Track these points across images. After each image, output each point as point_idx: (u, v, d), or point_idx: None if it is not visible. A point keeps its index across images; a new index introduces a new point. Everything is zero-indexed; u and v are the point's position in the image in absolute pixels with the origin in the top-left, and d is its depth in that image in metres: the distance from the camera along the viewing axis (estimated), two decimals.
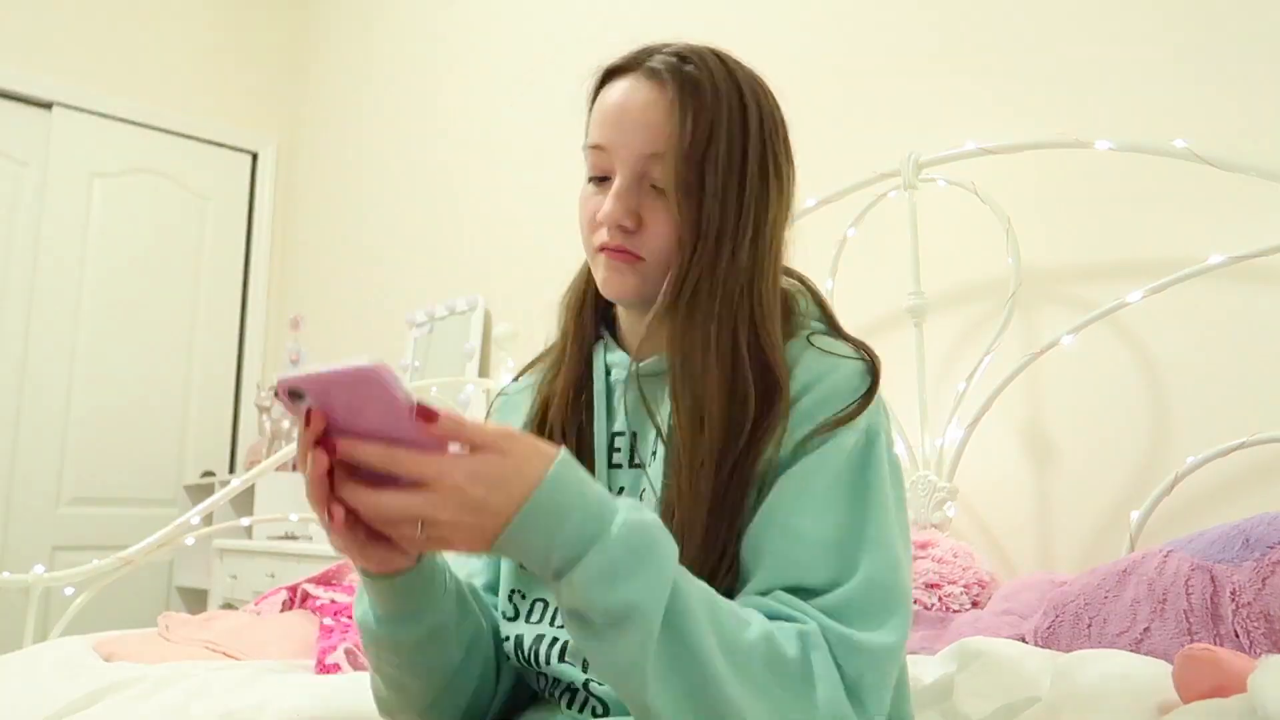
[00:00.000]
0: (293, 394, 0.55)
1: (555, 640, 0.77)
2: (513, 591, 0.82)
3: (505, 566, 0.84)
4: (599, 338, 0.85)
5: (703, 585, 0.63)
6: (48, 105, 3.42)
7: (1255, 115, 1.41)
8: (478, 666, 0.78)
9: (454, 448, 0.57)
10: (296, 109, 4.02)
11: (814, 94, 2.01)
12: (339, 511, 0.57)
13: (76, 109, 3.47)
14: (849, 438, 0.71)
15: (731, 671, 0.59)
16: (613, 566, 0.57)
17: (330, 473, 0.57)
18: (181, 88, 3.73)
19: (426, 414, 0.55)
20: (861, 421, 0.72)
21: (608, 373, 0.83)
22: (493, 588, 0.86)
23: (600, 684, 0.74)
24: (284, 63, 4.03)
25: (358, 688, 1.14)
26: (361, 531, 0.60)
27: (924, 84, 1.84)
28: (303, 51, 4.04)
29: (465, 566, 0.87)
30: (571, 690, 0.76)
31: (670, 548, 0.61)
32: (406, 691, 0.76)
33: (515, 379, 0.93)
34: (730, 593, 0.68)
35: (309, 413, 0.55)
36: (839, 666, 0.63)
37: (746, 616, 0.63)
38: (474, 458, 0.57)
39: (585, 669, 0.75)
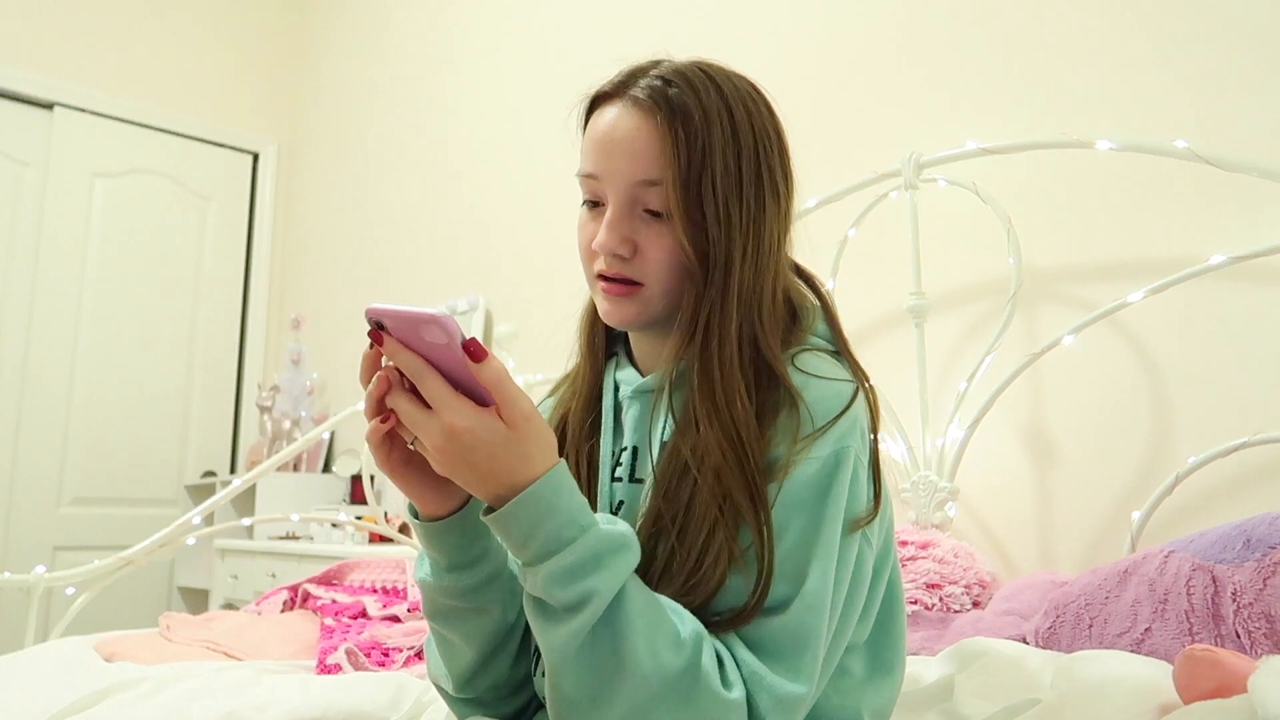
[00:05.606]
0: (378, 323, 0.63)
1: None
2: None
3: None
4: (612, 355, 0.88)
5: (652, 597, 0.66)
6: (49, 105, 3.42)
7: (1255, 115, 1.41)
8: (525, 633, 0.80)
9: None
10: (298, 109, 4.02)
11: (815, 94, 2.02)
12: (386, 423, 0.67)
13: (77, 109, 3.47)
14: (809, 466, 0.70)
15: (648, 673, 0.63)
16: (579, 567, 0.63)
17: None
18: (183, 88, 3.73)
19: (477, 352, 0.61)
20: (827, 447, 0.70)
21: (616, 389, 0.85)
22: None
23: None
24: (285, 63, 4.03)
25: (358, 688, 1.14)
26: (401, 450, 0.69)
27: (925, 84, 1.84)
28: (304, 52, 4.04)
29: None
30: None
31: (633, 557, 0.66)
32: (459, 655, 0.78)
33: (545, 399, 0.95)
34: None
35: (377, 334, 0.64)
36: (751, 702, 0.65)
37: (685, 636, 0.64)
38: (484, 413, 0.62)
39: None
